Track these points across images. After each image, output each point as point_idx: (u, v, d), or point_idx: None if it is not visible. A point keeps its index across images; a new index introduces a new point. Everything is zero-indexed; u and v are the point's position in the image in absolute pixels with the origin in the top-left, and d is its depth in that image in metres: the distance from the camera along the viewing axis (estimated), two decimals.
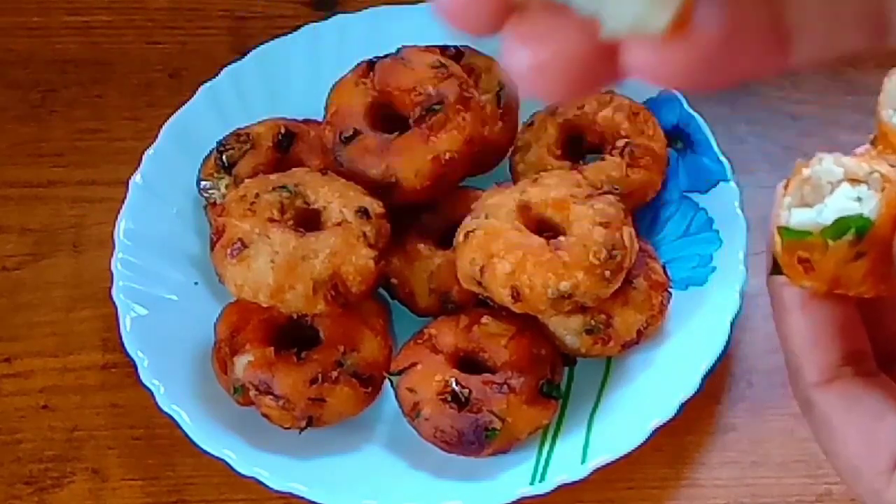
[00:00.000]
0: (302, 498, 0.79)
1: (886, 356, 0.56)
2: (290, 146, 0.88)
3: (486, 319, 0.81)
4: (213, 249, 0.81)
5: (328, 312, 0.80)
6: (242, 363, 0.80)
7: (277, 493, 0.79)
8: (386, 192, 0.82)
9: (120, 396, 0.86)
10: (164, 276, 0.86)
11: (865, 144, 0.56)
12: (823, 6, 0.40)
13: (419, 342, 0.81)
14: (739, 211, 0.86)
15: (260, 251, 0.79)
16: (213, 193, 0.86)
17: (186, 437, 0.80)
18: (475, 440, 0.78)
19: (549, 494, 0.78)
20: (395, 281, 0.84)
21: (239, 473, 0.79)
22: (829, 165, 0.52)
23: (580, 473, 0.78)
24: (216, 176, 0.87)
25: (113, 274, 0.85)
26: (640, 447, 0.79)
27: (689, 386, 0.80)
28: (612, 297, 0.80)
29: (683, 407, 0.80)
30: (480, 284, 0.79)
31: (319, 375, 0.80)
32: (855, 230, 0.50)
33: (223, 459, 0.79)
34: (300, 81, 0.93)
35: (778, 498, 0.81)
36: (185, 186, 0.88)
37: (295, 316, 0.81)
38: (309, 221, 0.81)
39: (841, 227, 0.51)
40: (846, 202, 0.51)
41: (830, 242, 0.51)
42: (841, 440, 0.54)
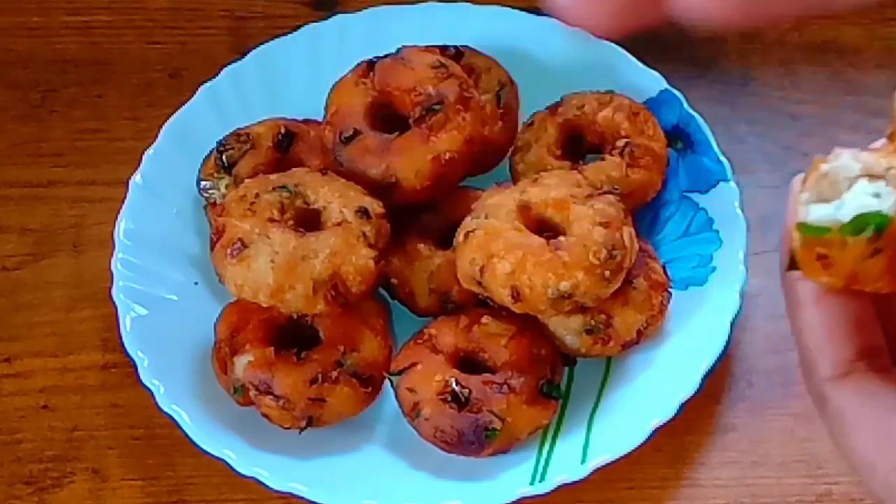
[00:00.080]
0: (302, 498, 0.79)
1: None
2: (290, 146, 0.87)
3: (486, 319, 0.81)
4: (213, 249, 0.81)
5: (328, 312, 0.80)
6: (242, 363, 0.80)
7: (277, 493, 0.79)
8: (386, 192, 0.82)
9: (120, 396, 0.86)
10: (164, 276, 0.86)
11: (881, 140, 0.56)
12: None
13: (419, 342, 0.81)
14: (739, 211, 0.86)
15: (260, 251, 0.79)
16: (213, 193, 0.86)
17: (186, 437, 0.80)
18: (475, 440, 0.78)
19: (549, 494, 0.78)
20: (395, 281, 0.84)
21: (239, 473, 0.79)
22: (846, 161, 0.52)
23: (580, 473, 0.78)
24: (216, 176, 0.87)
25: (113, 274, 0.85)
26: (640, 447, 0.79)
27: (689, 386, 0.80)
28: (612, 297, 0.80)
29: (683, 407, 0.80)
30: (480, 284, 0.79)
31: (319, 375, 0.80)
32: (874, 227, 0.50)
33: (223, 459, 0.79)
34: (300, 81, 0.92)
35: (778, 498, 0.81)
36: (185, 186, 0.88)
37: (295, 316, 0.81)
38: (309, 221, 0.81)
39: (859, 223, 0.50)
40: (865, 198, 0.51)
41: (849, 239, 0.51)
42: (854, 435, 0.54)
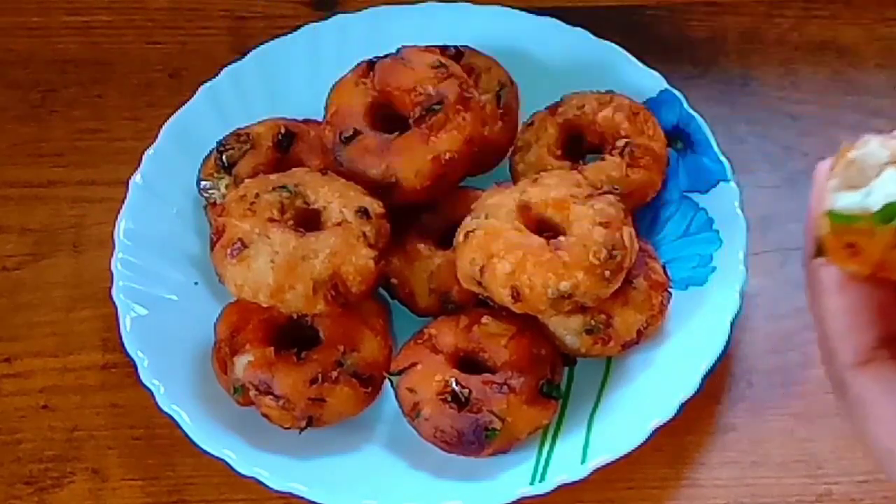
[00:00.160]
0: (302, 498, 0.79)
1: None
2: (290, 146, 0.87)
3: (486, 319, 0.81)
4: (213, 249, 0.81)
5: (328, 312, 0.80)
6: (242, 363, 0.80)
7: (277, 493, 0.79)
8: (386, 192, 0.82)
9: (120, 396, 0.86)
10: (164, 276, 0.86)
11: None
12: None
13: (419, 342, 0.81)
14: (739, 211, 0.86)
15: (260, 251, 0.79)
16: (213, 193, 0.86)
17: (186, 437, 0.80)
18: (475, 440, 0.78)
19: (549, 494, 0.78)
20: (395, 281, 0.84)
21: (239, 473, 0.79)
22: (875, 148, 0.51)
23: (580, 473, 0.78)
24: (216, 176, 0.87)
25: (113, 274, 0.85)
26: (640, 447, 0.79)
27: (689, 386, 0.80)
28: (612, 297, 0.80)
29: (683, 407, 0.80)
30: (480, 284, 0.79)
31: (319, 375, 0.80)
32: None
33: (223, 459, 0.79)
34: (300, 81, 0.92)
35: (778, 498, 0.81)
36: (185, 186, 0.88)
37: (295, 316, 0.81)
38: (309, 221, 0.81)
39: (889, 212, 0.50)
40: (893, 186, 0.51)
41: (878, 228, 0.51)
42: (874, 422, 0.54)
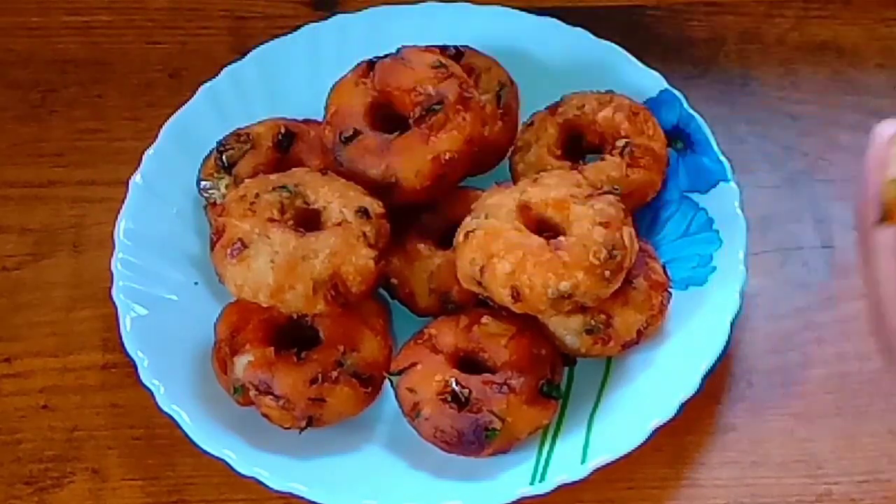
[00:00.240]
0: (302, 498, 0.79)
1: None
2: (290, 146, 0.87)
3: (486, 319, 0.81)
4: (213, 249, 0.81)
5: (328, 312, 0.80)
6: (242, 363, 0.80)
7: (277, 493, 0.79)
8: (386, 192, 0.82)
9: (120, 396, 0.86)
10: (164, 276, 0.86)
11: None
12: None
13: (419, 342, 0.81)
14: (739, 211, 0.86)
15: (260, 251, 0.79)
16: (213, 193, 0.86)
17: (186, 437, 0.80)
18: (475, 440, 0.78)
19: (549, 494, 0.78)
20: (395, 281, 0.84)
21: (239, 473, 0.79)
22: None
23: (580, 473, 0.78)
24: (216, 176, 0.87)
25: (113, 274, 0.85)
26: (640, 447, 0.79)
27: (689, 386, 0.80)
28: (612, 297, 0.80)
29: (683, 407, 0.80)
30: (480, 284, 0.79)
31: (319, 375, 0.80)
32: None
33: (223, 459, 0.79)
34: (300, 81, 0.92)
35: (778, 498, 0.81)
36: (185, 186, 0.88)
37: (295, 316, 0.81)
38: (309, 221, 0.81)
39: None
40: None
41: None
42: None
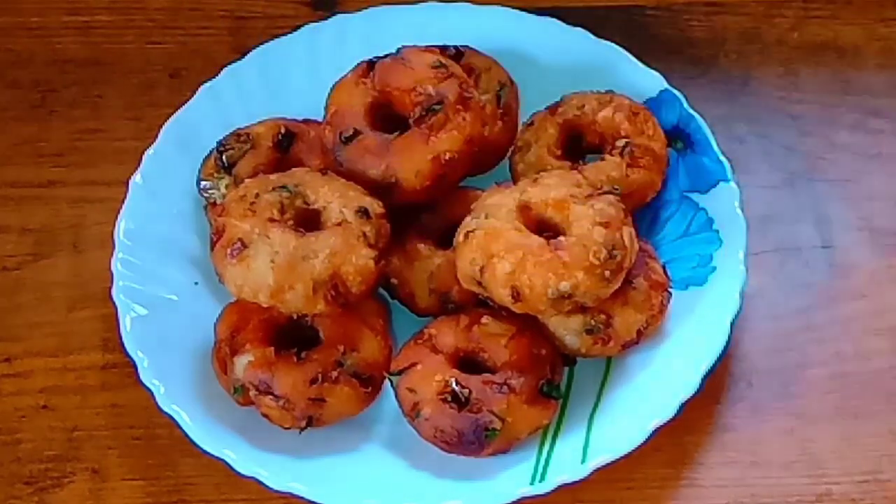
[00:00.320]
0: (302, 498, 0.79)
1: None
2: (290, 146, 0.88)
3: (486, 319, 0.81)
4: (213, 249, 0.81)
5: (328, 312, 0.80)
6: (242, 363, 0.80)
7: (277, 493, 0.79)
8: (386, 192, 0.82)
9: (120, 396, 0.86)
10: (164, 276, 0.86)
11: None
12: None
13: (419, 342, 0.81)
14: (739, 211, 0.86)
15: (260, 251, 0.79)
16: (213, 193, 0.86)
17: (186, 437, 0.80)
18: (475, 440, 0.78)
19: (549, 494, 0.78)
20: (395, 281, 0.84)
21: (239, 473, 0.79)
22: None
23: (580, 473, 0.78)
24: (216, 176, 0.87)
25: (113, 274, 0.85)
26: (640, 447, 0.79)
27: (689, 386, 0.80)
28: (612, 297, 0.80)
29: (683, 407, 0.80)
30: (480, 284, 0.79)
31: (319, 375, 0.80)
32: None
33: (223, 459, 0.79)
34: (300, 81, 0.92)
35: (778, 498, 0.81)
36: (185, 186, 0.88)
37: (295, 316, 0.81)
38: (309, 221, 0.81)
39: None
40: None
41: None
42: None
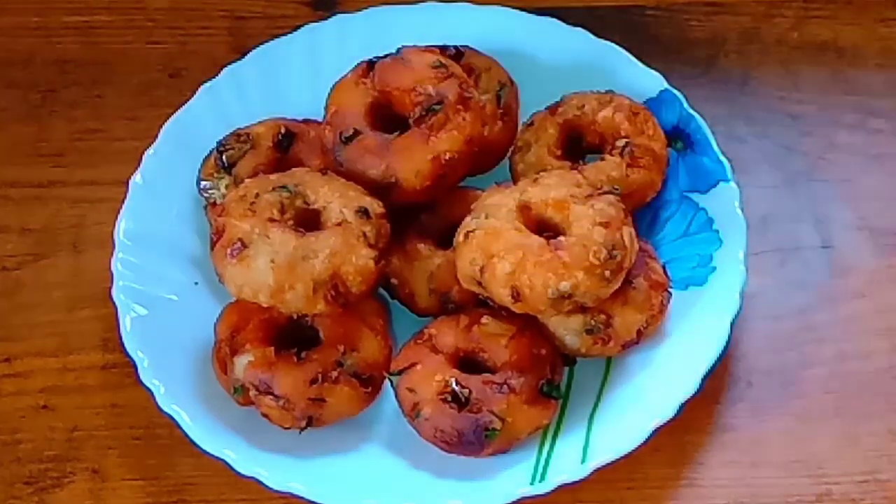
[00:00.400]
0: (302, 498, 0.79)
1: None
2: (290, 146, 0.88)
3: (486, 319, 0.81)
4: (213, 249, 0.81)
5: (328, 312, 0.80)
6: (242, 363, 0.80)
7: (277, 493, 0.79)
8: (386, 192, 0.82)
9: (120, 396, 0.86)
10: (164, 276, 0.86)
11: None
12: None
13: (419, 342, 0.81)
14: (739, 211, 0.86)
15: (260, 251, 0.79)
16: (213, 193, 0.86)
17: (186, 437, 0.80)
18: (475, 440, 0.78)
19: (549, 494, 0.78)
20: (395, 281, 0.84)
21: (239, 473, 0.79)
22: None
23: (580, 473, 0.78)
24: (216, 176, 0.87)
25: (113, 274, 0.85)
26: (640, 447, 0.79)
27: (689, 386, 0.80)
28: (612, 297, 0.80)
29: (683, 407, 0.80)
30: (480, 284, 0.79)
31: (319, 375, 0.80)
32: None
33: (223, 459, 0.79)
34: (300, 81, 0.92)
35: (778, 498, 0.81)
36: (185, 186, 0.88)
37: (295, 316, 0.81)
38: (309, 221, 0.81)
39: None
40: None
41: None
42: None
